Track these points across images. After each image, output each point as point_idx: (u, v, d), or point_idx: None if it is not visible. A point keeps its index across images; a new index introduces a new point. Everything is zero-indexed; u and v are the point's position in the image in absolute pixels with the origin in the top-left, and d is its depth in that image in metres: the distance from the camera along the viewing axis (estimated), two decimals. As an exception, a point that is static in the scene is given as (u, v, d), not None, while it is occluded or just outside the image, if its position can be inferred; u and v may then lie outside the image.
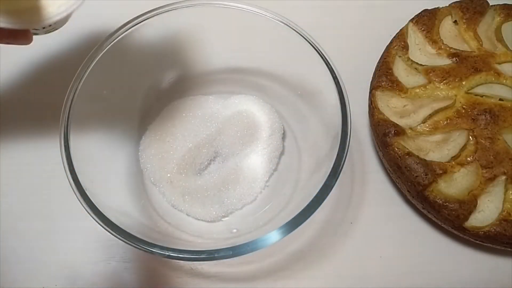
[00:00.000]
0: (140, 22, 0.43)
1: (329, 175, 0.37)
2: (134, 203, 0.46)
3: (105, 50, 0.42)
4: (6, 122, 0.52)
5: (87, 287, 0.44)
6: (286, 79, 0.50)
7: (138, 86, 0.48)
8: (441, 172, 0.43)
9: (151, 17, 0.44)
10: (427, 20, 0.52)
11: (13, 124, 0.52)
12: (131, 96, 0.48)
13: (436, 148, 0.45)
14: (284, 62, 0.48)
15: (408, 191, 0.45)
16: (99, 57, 0.42)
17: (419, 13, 0.53)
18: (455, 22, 0.52)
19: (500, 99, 0.47)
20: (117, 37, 0.43)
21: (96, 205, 0.36)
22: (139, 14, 0.44)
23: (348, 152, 0.38)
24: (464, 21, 0.52)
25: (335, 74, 0.41)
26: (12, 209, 0.47)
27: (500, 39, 0.50)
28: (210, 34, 0.49)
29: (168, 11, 0.44)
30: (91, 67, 0.41)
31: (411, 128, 0.46)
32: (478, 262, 0.45)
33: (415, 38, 0.51)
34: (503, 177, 0.43)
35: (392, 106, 0.48)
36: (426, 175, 0.43)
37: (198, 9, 0.45)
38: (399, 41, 0.51)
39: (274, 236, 0.35)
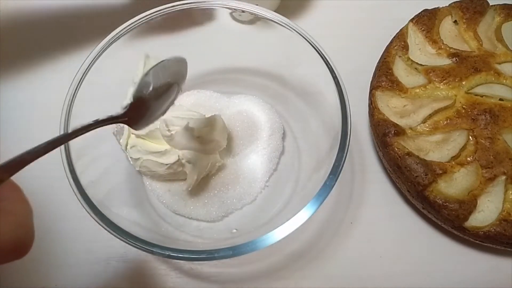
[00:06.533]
0: (140, 22, 0.43)
1: (329, 175, 0.37)
2: (134, 203, 0.46)
3: (105, 50, 0.42)
4: (7, 121, 0.52)
5: (87, 287, 0.44)
6: (286, 79, 0.50)
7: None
8: (441, 172, 0.43)
9: (151, 17, 0.44)
10: (427, 20, 0.52)
11: (13, 124, 0.52)
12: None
13: (436, 148, 0.45)
14: (284, 62, 0.48)
15: (408, 191, 0.45)
16: (99, 57, 0.42)
17: (419, 13, 0.53)
18: (455, 22, 0.52)
19: (500, 99, 0.47)
20: (118, 37, 0.43)
21: (96, 205, 0.36)
22: (140, 14, 0.44)
23: (348, 152, 0.38)
24: (464, 21, 0.52)
25: (335, 74, 0.41)
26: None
27: (500, 39, 0.50)
28: (210, 34, 0.49)
29: (168, 11, 0.44)
30: (92, 66, 0.41)
31: (411, 128, 0.46)
32: (478, 262, 0.45)
33: (415, 38, 0.51)
34: (503, 177, 0.43)
35: (392, 106, 0.47)
36: (426, 175, 0.43)
37: (198, 9, 0.45)
38: (399, 41, 0.51)
39: (274, 236, 0.35)
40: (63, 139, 0.30)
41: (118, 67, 0.44)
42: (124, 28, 0.43)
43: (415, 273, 0.45)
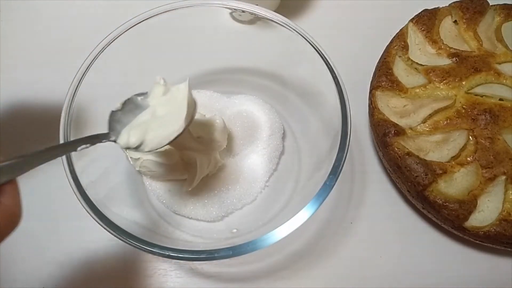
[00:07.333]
0: (139, 22, 0.43)
1: (329, 175, 0.37)
2: (134, 203, 0.46)
3: (105, 50, 0.42)
4: (7, 122, 0.52)
5: (87, 287, 0.44)
6: (286, 79, 0.50)
7: (137, 86, 0.48)
8: (441, 172, 0.43)
9: (151, 17, 0.44)
10: (427, 20, 0.52)
11: (13, 124, 0.52)
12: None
13: (436, 148, 0.45)
14: (284, 62, 0.48)
15: (408, 191, 0.45)
16: (99, 57, 0.42)
17: (419, 13, 0.53)
18: (455, 22, 0.52)
19: (500, 99, 0.47)
20: (117, 37, 0.43)
21: (96, 205, 0.36)
22: (139, 14, 0.44)
23: (348, 152, 0.38)
24: (464, 21, 0.52)
25: (335, 74, 0.41)
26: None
27: (500, 39, 0.50)
28: (210, 34, 0.49)
29: (168, 11, 0.44)
30: (91, 67, 0.41)
31: (411, 128, 0.46)
32: (478, 262, 0.45)
33: (415, 38, 0.51)
34: (503, 177, 0.43)
35: (392, 106, 0.47)
36: (426, 175, 0.43)
37: (198, 9, 0.45)
38: (399, 41, 0.51)
39: (274, 236, 0.35)
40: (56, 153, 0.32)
41: (118, 67, 0.44)
42: (124, 28, 0.43)
43: (415, 273, 0.45)
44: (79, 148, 0.34)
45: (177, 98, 0.36)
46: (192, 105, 0.36)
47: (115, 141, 0.36)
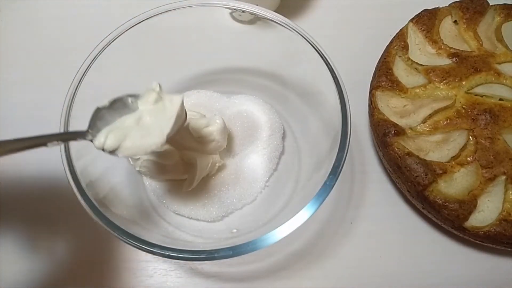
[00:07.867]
0: (140, 22, 0.43)
1: (329, 175, 0.37)
2: (134, 203, 0.46)
3: (105, 50, 0.42)
4: (7, 121, 0.52)
5: (87, 287, 0.44)
6: (286, 79, 0.50)
7: (137, 86, 0.48)
8: (441, 172, 0.43)
9: (151, 17, 0.44)
10: (427, 20, 0.52)
11: (13, 124, 0.52)
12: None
13: (436, 148, 0.45)
14: (284, 62, 0.48)
15: (408, 191, 0.45)
16: (99, 57, 0.42)
17: (419, 13, 0.53)
18: (455, 22, 0.52)
19: (500, 99, 0.47)
20: (117, 37, 0.43)
21: (96, 205, 0.36)
22: (139, 14, 0.44)
23: (348, 152, 0.38)
24: (464, 21, 0.52)
25: (335, 74, 0.41)
26: (12, 209, 0.47)
27: (500, 39, 0.50)
28: (210, 34, 0.49)
29: (168, 11, 0.44)
30: (91, 66, 0.41)
31: (411, 128, 0.46)
32: (478, 262, 0.45)
33: (415, 38, 0.51)
34: (503, 177, 0.43)
35: (392, 106, 0.47)
36: (426, 175, 0.43)
37: (198, 9, 0.45)
38: (399, 41, 0.51)
39: (274, 236, 0.35)
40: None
41: (118, 67, 0.44)
42: (124, 28, 0.43)
43: (415, 273, 0.45)
44: (49, 144, 0.32)
45: (166, 111, 0.35)
46: (180, 120, 0.36)
47: (91, 141, 0.35)
